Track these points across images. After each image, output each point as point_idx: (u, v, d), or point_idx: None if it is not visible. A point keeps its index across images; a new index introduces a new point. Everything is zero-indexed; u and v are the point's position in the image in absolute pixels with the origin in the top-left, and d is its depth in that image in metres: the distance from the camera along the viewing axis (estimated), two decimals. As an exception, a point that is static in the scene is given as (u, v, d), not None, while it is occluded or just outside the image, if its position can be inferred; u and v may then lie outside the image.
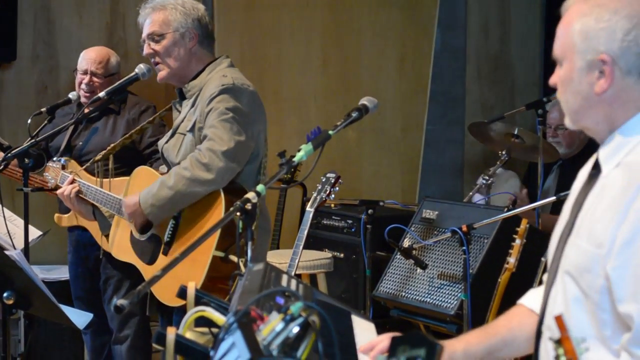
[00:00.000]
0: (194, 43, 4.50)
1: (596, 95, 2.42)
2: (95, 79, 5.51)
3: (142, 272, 4.59)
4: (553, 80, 2.55)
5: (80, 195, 4.96)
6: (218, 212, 4.26)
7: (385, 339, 2.62)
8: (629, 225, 2.29)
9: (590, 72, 2.42)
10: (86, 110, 5.15)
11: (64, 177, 5.06)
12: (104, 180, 4.95)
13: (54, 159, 5.22)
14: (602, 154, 2.49)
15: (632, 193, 2.31)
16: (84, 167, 5.12)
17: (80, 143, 5.51)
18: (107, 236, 4.88)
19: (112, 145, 5.07)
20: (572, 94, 2.47)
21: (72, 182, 4.99)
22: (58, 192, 5.02)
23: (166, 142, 4.57)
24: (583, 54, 2.42)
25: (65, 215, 5.36)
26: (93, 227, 5.13)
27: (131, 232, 4.66)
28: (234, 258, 4.10)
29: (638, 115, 2.42)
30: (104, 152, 5.05)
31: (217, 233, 4.17)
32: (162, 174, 4.58)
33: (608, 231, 2.33)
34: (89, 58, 5.59)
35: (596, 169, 2.52)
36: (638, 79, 2.40)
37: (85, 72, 5.54)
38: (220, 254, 4.21)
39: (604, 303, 2.35)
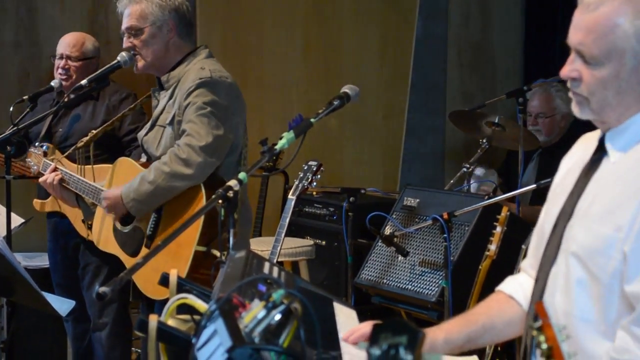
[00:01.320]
0: (173, 35, 4.49)
1: None
2: (70, 63, 5.52)
3: (125, 264, 4.59)
4: (572, 73, 2.50)
5: (63, 184, 4.95)
6: (199, 205, 4.26)
7: (367, 325, 2.62)
8: None
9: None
10: (66, 98, 5.13)
11: (46, 164, 5.06)
12: (85, 167, 4.94)
13: (36, 144, 5.21)
14: (612, 139, 2.49)
15: None
16: (65, 154, 5.11)
17: (61, 129, 5.50)
18: (89, 224, 4.87)
19: (93, 132, 5.07)
20: (615, 92, 2.44)
21: (55, 169, 4.99)
22: (41, 180, 5.01)
23: (146, 134, 4.56)
24: (637, 55, 2.40)
25: (45, 201, 5.35)
26: (72, 214, 5.12)
27: (114, 224, 4.65)
28: (216, 252, 4.10)
29: None
30: (85, 139, 5.05)
31: (199, 228, 4.19)
32: (142, 164, 4.59)
33: (627, 214, 2.35)
34: (64, 42, 5.60)
35: (599, 152, 2.52)
36: None
37: (61, 57, 5.56)
38: (202, 248, 4.21)
39: (614, 285, 2.36)
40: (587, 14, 2.44)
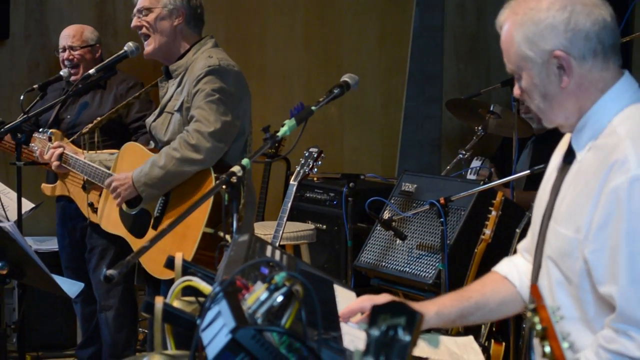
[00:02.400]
0: (181, 21, 4.49)
1: (562, 90, 2.43)
2: (73, 53, 5.54)
3: (131, 245, 4.58)
4: (516, 92, 2.56)
5: (63, 164, 4.94)
6: (207, 189, 4.25)
7: (360, 302, 2.62)
8: (602, 208, 2.30)
9: (550, 72, 2.43)
10: (75, 88, 5.13)
11: (50, 149, 5.05)
12: (91, 152, 4.94)
13: (41, 129, 5.20)
14: (574, 140, 2.50)
15: (603, 176, 2.32)
16: (70, 139, 5.11)
17: (69, 117, 5.50)
18: (92, 206, 4.86)
19: (98, 118, 5.09)
20: (539, 98, 2.48)
21: (57, 148, 4.99)
22: (46, 157, 5.00)
23: (154, 120, 4.57)
24: (536, 59, 2.44)
25: (53, 185, 5.35)
26: (79, 198, 5.11)
27: (121, 206, 4.64)
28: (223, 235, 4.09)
29: (602, 99, 2.45)
30: (90, 125, 5.07)
31: (208, 210, 4.18)
32: (150, 149, 4.58)
33: (584, 216, 2.34)
34: (65, 35, 5.64)
35: (571, 155, 2.52)
36: (593, 61, 2.43)
37: (64, 49, 5.57)
38: (210, 230, 4.21)
39: (584, 284, 2.37)
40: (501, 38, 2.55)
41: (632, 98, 2.45)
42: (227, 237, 3.07)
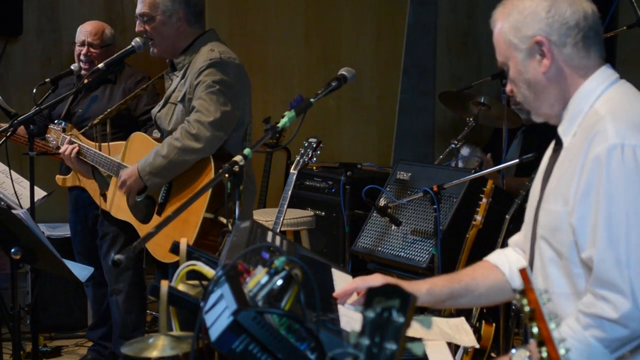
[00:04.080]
0: (182, 23, 4.47)
1: (543, 76, 2.45)
2: (92, 50, 5.52)
3: (138, 230, 4.59)
4: (508, 88, 2.58)
5: (80, 157, 4.94)
6: (207, 176, 4.27)
7: (354, 283, 2.62)
8: (584, 177, 2.32)
9: (532, 58, 2.45)
10: (85, 81, 5.12)
11: (64, 139, 5.06)
12: (103, 144, 4.94)
13: (55, 121, 5.20)
14: (561, 128, 2.50)
15: (585, 148, 2.34)
16: (82, 130, 5.11)
17: (80, 110, 5.49)
18: (104, 195, 4.86)
19: (108, 110, 5.09)
20: (524, 85, 2.49)
21: (71, 142, 4.99)
22: (60, 150, 5.00)
23: (159, 110, 4.57)
24: (519, 46, 2.46)
25: (66, 176, 5.34)
26: (91, 187, 5.11)
27: (128, 193, 4.65)
28: (222, 219, 4.09)
29: (583, 85, 2.46)
30: (101, 116, 5.07)
31: (208, 196, 4.18)
32: (155, 138, 4.58)
33: (570, 188, 2.36)
34: (85, 31, 5.58)
35: (559, 143, 2.53)
36: (573, 48, 2.44)
37: (82, 44, 5.55)
38: (210, 215, 4.21)
39: (574, 257, 2.38)
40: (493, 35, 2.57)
41: (612, 84, 2.46)
42: (224, 219, 3.06)
